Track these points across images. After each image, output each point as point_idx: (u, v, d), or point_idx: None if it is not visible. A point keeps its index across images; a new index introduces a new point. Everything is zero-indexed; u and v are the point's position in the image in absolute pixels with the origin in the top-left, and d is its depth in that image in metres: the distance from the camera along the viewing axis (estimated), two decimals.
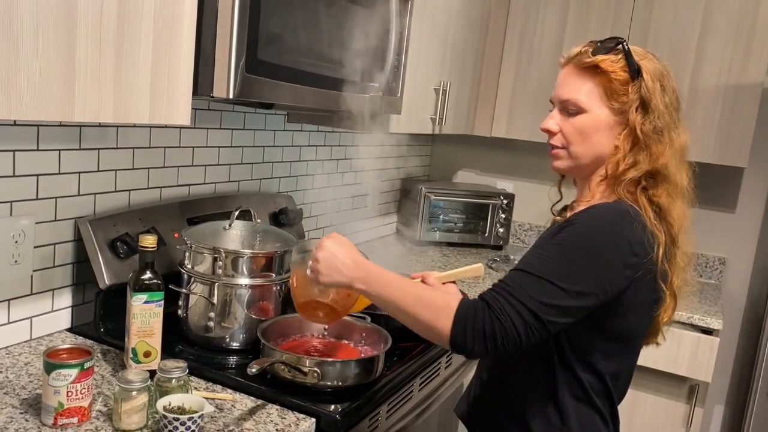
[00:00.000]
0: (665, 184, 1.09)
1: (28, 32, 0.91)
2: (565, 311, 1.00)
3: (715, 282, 2.80)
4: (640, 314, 1.10)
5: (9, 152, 1.29)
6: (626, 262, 1.02)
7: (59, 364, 1.06)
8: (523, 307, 0.99)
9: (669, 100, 1.10)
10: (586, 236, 1.03)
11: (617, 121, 1.10)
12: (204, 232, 1.47)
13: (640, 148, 1.08)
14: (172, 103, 1.17)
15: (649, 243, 1.04)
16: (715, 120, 2.44)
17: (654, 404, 2.35)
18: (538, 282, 1.00)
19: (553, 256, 1.03)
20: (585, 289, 1.01)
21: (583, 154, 1.13)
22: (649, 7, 2.50)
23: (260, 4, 1.24)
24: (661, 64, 1.13)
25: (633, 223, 1.03)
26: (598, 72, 1.10)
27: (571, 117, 1.13)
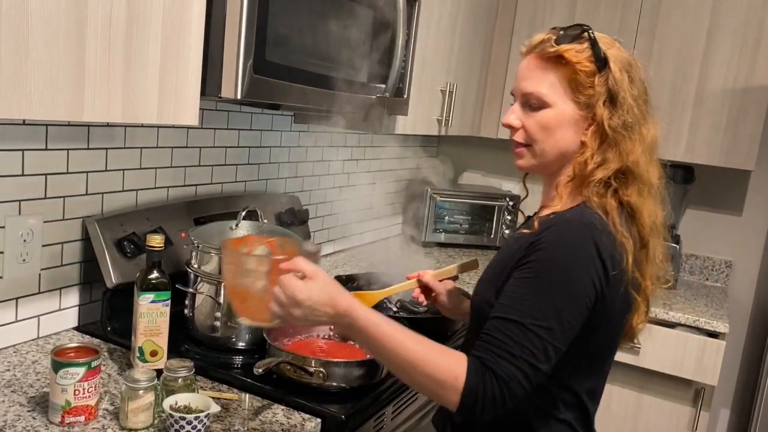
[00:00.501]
0: (636, 182, 1.03)
1: (38, 33, 0.92)
2: (559, 349, 0.95)
3: (722, 285, 2.80)
4: (613, 327, 1.06)
5: (18, 152, 1.30)
6: (601, 280, 0.97)
7: (67, 363, 1.06)
8: (527, 364, 0.93)
9: (638, 93, 1.04)
10: (558, 264, 0.96)
11: (583, 116, 1.03)
12: (211, 232, 1.48)
13: (609, 144, 1.02)
14: (180, 104, 1.18)
15: (619, 254, 0.98)
16: (722, 123, 2.43)
17: (659, 408, 2.34)
18: (530, 333, 0.93)
19: (532, 296, 0.95)
20: (572, 320, 0.95)
21: (547, 151, 1.06)
22: (656, 10, 2.49)
23: (268, 5, 1.24)
24: (629, 54, 1.07)
25: (601, 237, 0.97)
26: (562, 63, 1.03)
27: (534, 111, 1.06)
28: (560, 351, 0.95)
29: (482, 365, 0.93)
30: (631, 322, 1.07)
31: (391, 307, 1.72)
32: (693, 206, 2.81)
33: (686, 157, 2.51)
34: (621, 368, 2.36)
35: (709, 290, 2.70)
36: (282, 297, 0.97)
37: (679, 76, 2.48)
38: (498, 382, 0.92)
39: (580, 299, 0.96)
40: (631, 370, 2.34)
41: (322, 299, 0.96)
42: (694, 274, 2.85)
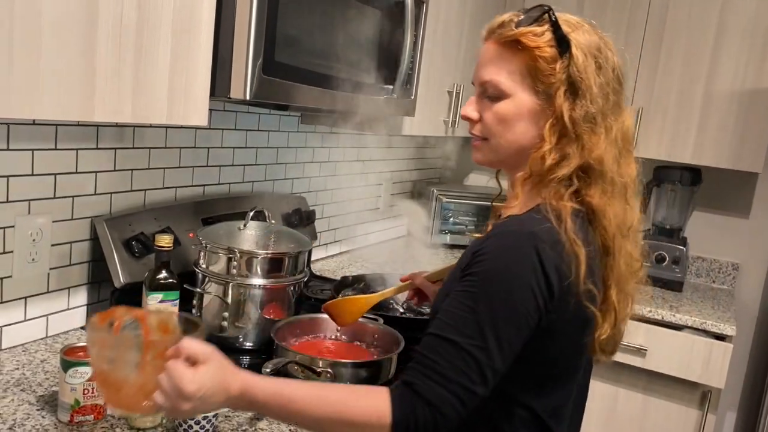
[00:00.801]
0: (600, 181, 0.93)
1: (50, 33, 0.92)
2: (498, 370, 0.87)
3: (728, 288, 2.79)
4: (567, 344, 0.95)
5: (28, 151, 1.30)
6: (544, 295, 0.87)
7: (76, 362, 1.07)
8: (461, 388, 0.84)
9: (606, 80, 0.94)
10: (497, 278, 0.88)
11: (544, 107, 0.94)
12: (219, 232, 1.48)
13: (570, 139, 0.92)
14: (189, 104, 1.18)
15: (566, 266, 0.88)
16: (730, 124, 2.43)
17: (666, 410, 2.34)
18: (465, 353, 0.85)
19: (469, 312, 0.87)
20: (512, 339, 0.87)
21: (504, 146, 0.98)
22: (663, 11, 2.49)
23: (278, 6, 1.25)
24: (599, 36, 0.97)
25: (545, 248, 0.87)
26: (521, 48, 0.94)
27: (492, 102, 0.97)
28: (499, 372, 0.87)
29: (412, 392, 0.85)
30: (593, 336, 0.95)
31: (398, 308, 1.73)
32: (700, 208, 2.80)
33: (693, 159, 2.50)
34: (627, 370, 2.35)
35: (716, 293, 2.69)
36: (168, 388, 0.82)
37: (687, 78, 2.48)
38: (430, 409, 0.84)
39: (521, 317, 0.87)
40: (638, 373, 2.34)
41: (214, 387, 0.83)
42: (700, 276, 2.85)
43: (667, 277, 2.59)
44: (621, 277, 0.97)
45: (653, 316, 2.30)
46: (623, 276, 0.97)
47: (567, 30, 0.94)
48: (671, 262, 2.59)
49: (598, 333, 0.94)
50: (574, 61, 0.92)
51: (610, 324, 0.95)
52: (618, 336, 1.00)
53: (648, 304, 2.36)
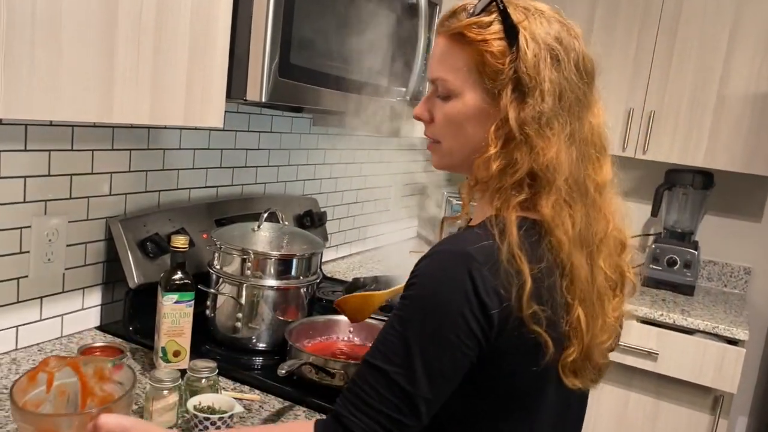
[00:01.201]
0: (552, 189, 0.82)
1: (71, 36, 0.93)
2: (430, 400, 0.80)
3: (740, 292, 2.77)
4: (518, 370, 0.84)
5: (45, 152, 1.31)
6: (479, 322, 0.79)
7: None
8: (388, 419, 0.79)
9: (565, 76, 0.83)
10: (428, 305, 0.80)
11: (492, 107, 0.84)
12: (233, 234, 1.49)
13: (518, 142, 0.82)
14: (206, 106, 1.19)
15: (506, 287, 0.79)
16: (743, 128, 2.42)
17: (677, 414, 2.33)
18: (393, 383, 0.79)
19: (399, 340, 0.80)
20: (444, 369, 0.80)
21: (457, 149, 0.90)
22: (676, 14, 2.48)
23: (293, 9, 1.25)
24: (562, 24, 0.86)
25: (481, 271, 0.78)
26: (467, 41, 0.85)
27: (443, 102, 0.89)
28: (432, 402, 0.81)
29: (337, 423, 0.81)
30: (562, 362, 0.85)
31: None
32: (712, 212, 2.79)
33: (706, 162, 2.49)
34: (638, 374, 2.34)
35: (728, 297, 2.68)
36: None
37: (700, 80, 2.47)
38: None
39: (453, 346, 0.79)
40: (649, 377, 2.33)
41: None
42: (712, 280, 2.83)
43: (679, 280, 2.58)
44: (585, 294, 0.85)
45: (664, 320, 2.29)
46: (588, 293, 0.85)
47: (519, 19, 0.83)
48: (683, 265, 2.58)
49: (564, 356, 0.84)
50: (522, 56, 0.82)
51: (578, 347, 0.84)
52: (595, 359, 0.88)
53: (659, 307, 2.35)
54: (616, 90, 2.60)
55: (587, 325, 0.84)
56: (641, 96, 2.57)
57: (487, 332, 0.80)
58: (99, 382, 1.00)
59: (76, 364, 0.99)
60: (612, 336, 0.90)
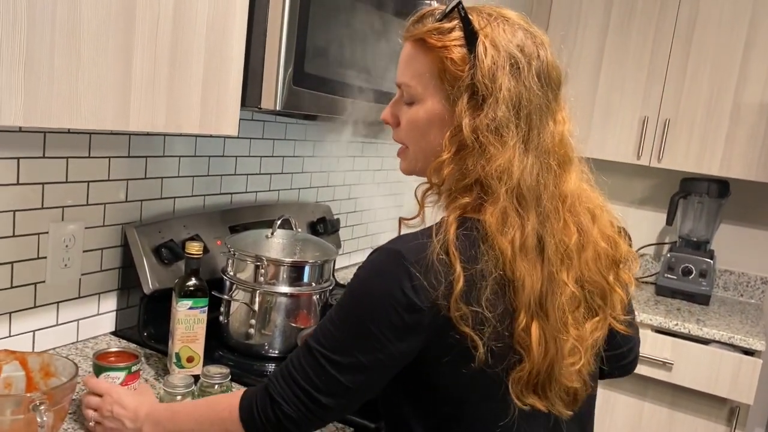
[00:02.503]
0: (495, 198, 0.81)
1: (89, 45, 0.95)
2: (349, 388, 0.83)
3: (757, 302, 2.74)
4: (451, 375, 0.83)
5: (63, 159, 1.33)
6: (404, 319, 0.79)
7: (108, 367, 1.09)
8: (303, 392, 0.83)
9: (525, 84, 0.82)
10: (358, 296, 0.83)
11: (452, 113, 0.84)
12: (247, 240, 1.50)
13: (471, 150, 0.82)
14: (221, 114, 1.20)
15: (434, 286, 0.78)
16: (759, 137, 2.40)
17: (692, 425, 2.30)
18: (316, 362, 0.83)
19: (331, 325, 0.84)
20: (366, 360, 0.81)
21: (420, 155, 0.90)
22: (692, 19, 2.47)
23: (308, 18, 1.26)
24: (526, 31, 0.85)
25: (410, 269, 0.78)
26: (429, 47, 0.84)
27: (408, 107, 0.90)
28: (349, 389, 0.82)
29: (263, 386, 0.87)
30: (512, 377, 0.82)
31: None
32: (728, 221, 2.76)
33: (722, 171, 2.47)
34: (653, 384, 2.32)
35: (744, 306, 2.65)
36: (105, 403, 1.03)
37: (715, 89, 2.45)
38: (271, 403, 0.85)
39: (375, 338, 0.80)
40: (664, 387, 2.31)
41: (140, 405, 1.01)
42: (728, 289, 2.80)
43: (694, 290, 2.56)
44: (537, 307, 0.81)
45: (680, 330, 2.27)
46: (542, 306, 0.81)
47: (481, 26, 0.82)
48: (698, 275, 2.56)
49: (516, 370, 0.81)
50: (479, 63, 0.81)
51: (529, 363, 0.81)
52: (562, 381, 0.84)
53: (674, 317, 2.33)
54: (630, 98, 2.59)
55: (541, 341, 0.81)
56: (656, 104, 2.56)
57: (414, 330, 0.80)
58: (44, 378, 1.07)
59: (23, 359, 1.07)
60: (584, 358, 0.86)
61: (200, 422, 0.92)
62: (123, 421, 1.01)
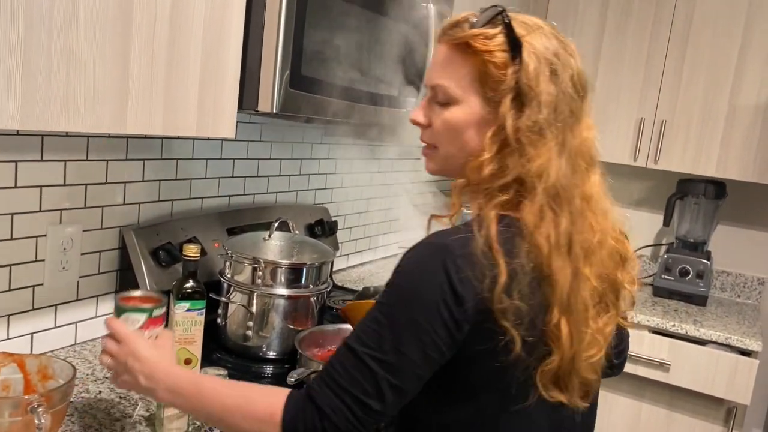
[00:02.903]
0: (534, 196, 0.85)
1: (86, 48, 0.95)
2: (398, 386, 0.82)
3: (754, 303, 2.75)
4: (487, 368, 0.85)
5: (60, 162, 1.34)
6: (452, 312, 0.81)
7: (130, 308, 1.03)
8: (352, 398, 0.82)
9: (561, 89, 0.86)
10: (404, 293, 0.84)
11: (491, 114, 0.87)
12: (244, 243, 1.50)
13: (512, 149, 0.85)
14: (218, 117, 1.21)
15: (479, 279, 0.81)
16: (755, 138, 2.41)
17: (690, 426, 2.31)
18: (363, 364, 0.82)
19: (375, 324, 0.84)
20: (414, 356, 0.82)
21: (454, 155, 0.92)
22: (688, 22, 2.48)
23: (305, 21, 1.27)
24: (559, 40, 0.90)
25: (456, 262, 0.81)
26: (471, 51, 0.88)
27: (441, 108, 0.92)
28: (401, 389, 0.83)
29: (307, 397, 0.84)
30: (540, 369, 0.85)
31: None
32: (724, 222, 2.77)
33: (718, 172, 2.48)
34: (651, 385, 2.33)
35: (741, 307, 2.66)
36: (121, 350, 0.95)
37: (711, 91, 2.46)
38: (319, 415, 0.82)
39: (426, 333, 0.81)
40: (661, 388, 2.32)
41: (157, 360, 0.95)
42: (725, 290, 2.81)
43: (691, 291, 2.57)
44: (568, 301, 0.85)
45: (677, 331, 2.28)
46: (571, 301, 0.85)
47: (522, 33, 0.87)
48: (695, 275, 2.57)
49: (544, 364, 0.85)
50: (524, 68, 0.85)
51: (558, 356, 0.84)
52: (582, 374, 0.88)
53: (672, 318, 2.34)
54: (627, 99, 2.60)
55: (570, 335, 0.84)
56: (652, 105, 2.57)
57: (460, 323, 0.82)
58: (42, 380, 1.06)
59: (21, 362, 1.05)
60: (601, 351, 0.89)
61: (229, 411, 0.87)
62: (137, 376, 0.94)
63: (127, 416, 1.17)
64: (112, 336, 0.98)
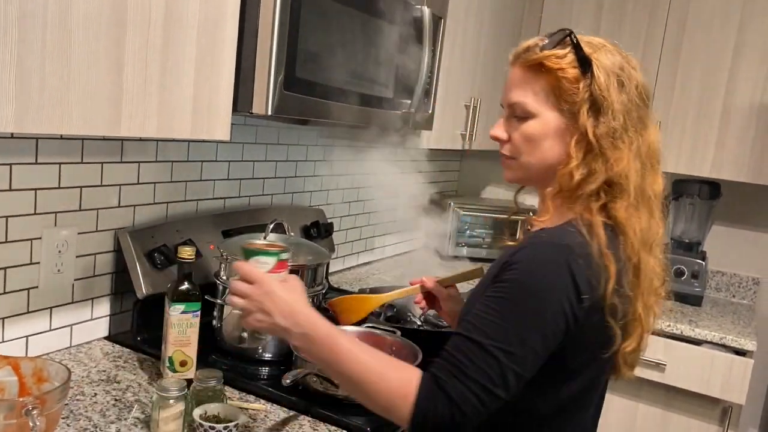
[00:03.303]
0: (624, 195, 0.96)
1: (80, 51, 0.96)
2: (521, 375, 0.90)
3: (749, 302, 2.76)
4: (587, 357, 0.98)
5: (55, 165, 1.34)
6: (574, 308, 0.91)
7: (260, 251, 1.03)
8: (480, 388, 0.88)
9: (629, 98, 0.98)
10: (528, 287, 0.91)
11: (569, 125, 0.98)
12: (239, 245, 1.50)
13: (595, 155, 0.96)
14: (212, 119, 1.21)
15: (597, 280, 0.92)
16: (749, 139, 2.42)
17: (686, 426, 2.31)
18: (489, 355, 0.89)
19: (498, 317, 0.91)
20: (537, 347, 0.90)
21: (533, 164, 1.03)
22: (682, 24, 2.49)
23: (299, 23, 1.27)
24: (622, 56, 1.01)
25: (577, 261, 0.91)
26: (544, 70, 0.99)
27: (519, 123, 1.02)
28: (522, 378, 0.90)
29: (436, 384, 0.90)
30: (618, 352, 0.98)
31: (416, 321, 1.73)
32: (719, 222, 2.78)
33: (712, 173, 2.49)
34: (646, 385, 2.33)
35: (736, 307, 2.67)
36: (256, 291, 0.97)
37: (705, 92, 2.47)
38: (449, 404, 0.88)
39: (548, 325, 0.90)
40: (657, 388, 2.32)
41: (296, 300, 0.97)
42: (720, 290, 2.82)
43: (687, 291, 2.57)
44: (645, 290, 0.99)
45: (672, 331, 2.29)
46: (647, 289, 0.99)
47: (589, 51, 0.98)
48: (690, 276, 2.58)
49: (624, 345, 0.98)
50: (595, 80, 0.96)
51: (636, 338, 0.99)
52: (641, 350, 1.03)
53: (667, 318, 2.34)
54: None
55: (647, 319, 1.00)
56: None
57: (577, 316, 0.91)
58: (37, 383, 1.06)
59: (16, 364, 1.06)
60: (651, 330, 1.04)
61: (363, 377, 0.92)
62: (274, 317, 0.96)
63: (123, 419, 1.17)
64: (243, 278, 0.99)
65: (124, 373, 1.35)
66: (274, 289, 0.97)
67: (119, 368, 1.37)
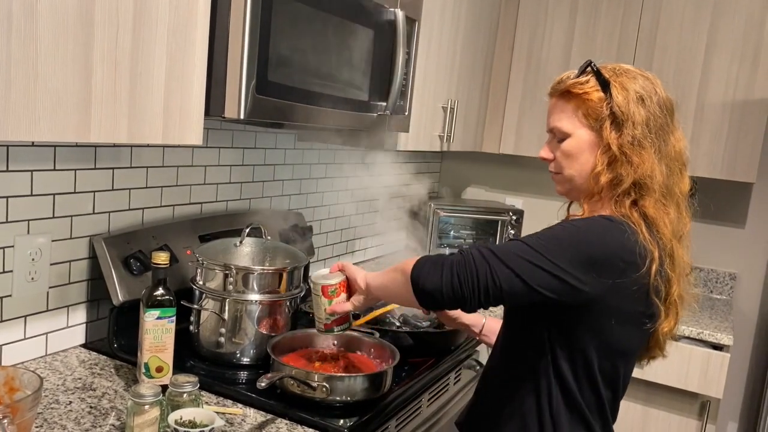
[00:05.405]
0: (651, 194, 1.10)
1: (47, 56, 0.95)
2: (541, 279, 1.03)
3: (726, 298, 2.80)
4: (628, 327, 1.10)
5: (27, 172, 1.33)
6: (613, 265, 1.04)
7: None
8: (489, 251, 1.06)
9: (650, 111, 1.11)
10: (578, 231, 1.06)
11: (597, 138, 1.14)
12: (215, 249, 1.50)
13: (621, 161, 1.10)
14: (184, 124, 1.21)
15: (641, 256, 1.05)
16: (723, 135, 2.45)
17: (666, 420, 2.34)
18: (521, 243, 1.06)
19: (544, 237, 1.07)
20: (566, 269, 1.02)
21: (575, 175, 1.17)
22: (654, 24, 2.52)
23: (270, 26, 1.27)
24: (645, 77, 1.15)
25: (625, 233, 1.05)
26: (573, 95, 1.16)
27: (560, 143, 1.18)
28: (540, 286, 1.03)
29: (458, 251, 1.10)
30: (656, 331, 1.13)
31: (394, 322, 1.74)
32: (695, 219, 2.78)
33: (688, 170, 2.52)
34: None
35: (714, 302, 2.70)
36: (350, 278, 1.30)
37: (679, 90, 2.51)
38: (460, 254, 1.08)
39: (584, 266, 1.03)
40: (637, 384, 2.34)
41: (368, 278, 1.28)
42: (697, 286, 2.84)
43: None
44: (681, 275, 1.14)
45: None
46: (682, 275, 1.14)
47: (609, 76, 1.13)
48: None
49: (662, 327, 1.13)
50: (614, 99, 1.11)
51: (674, 319, 1.14)
52: (674, 332, 1.18)
53: None
54: None
55: (680, 303, 1.14)
56: None
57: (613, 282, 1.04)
58: (8, 392, 1.07)
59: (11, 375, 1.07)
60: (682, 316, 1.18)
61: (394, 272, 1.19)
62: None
63: (98, 426, 1.16)
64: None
65: (101, 380, 1.35)
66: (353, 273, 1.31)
67: (95, 375, 1.37)
